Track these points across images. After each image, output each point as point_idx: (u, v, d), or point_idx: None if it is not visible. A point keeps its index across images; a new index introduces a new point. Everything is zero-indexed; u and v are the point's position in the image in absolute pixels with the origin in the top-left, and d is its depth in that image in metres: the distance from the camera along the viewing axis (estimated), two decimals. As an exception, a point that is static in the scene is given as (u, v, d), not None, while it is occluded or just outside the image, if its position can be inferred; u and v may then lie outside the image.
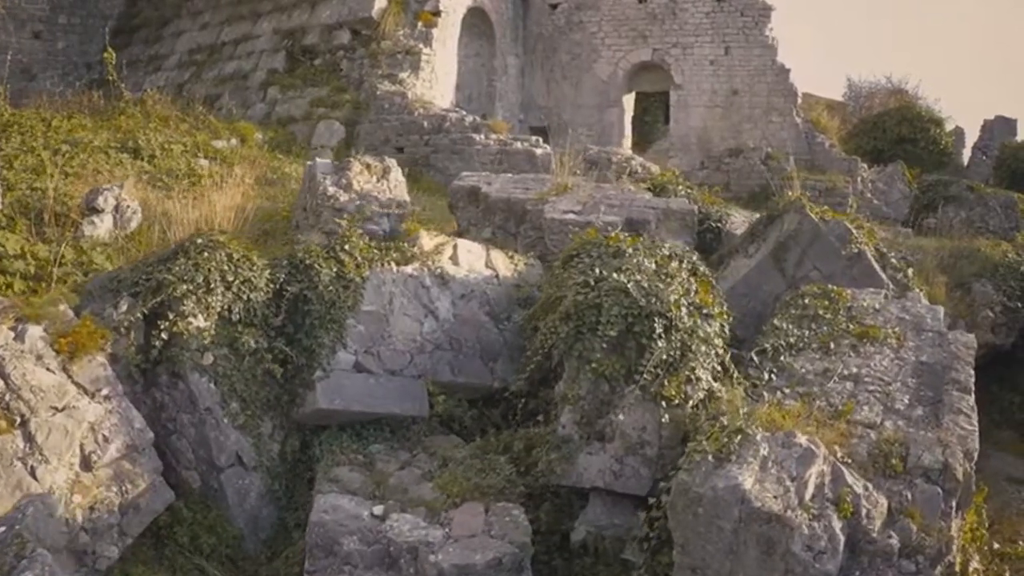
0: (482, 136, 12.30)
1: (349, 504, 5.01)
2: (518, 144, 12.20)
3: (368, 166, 8.77)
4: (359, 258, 6.01)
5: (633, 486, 4.80)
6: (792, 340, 5.62)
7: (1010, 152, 17.91)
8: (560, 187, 8.05)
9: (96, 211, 8.45)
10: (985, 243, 9.84)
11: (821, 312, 6.09)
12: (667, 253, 5.72)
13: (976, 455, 4.71)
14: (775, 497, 3.76)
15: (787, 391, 5.06)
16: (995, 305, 9.16)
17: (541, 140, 12.63)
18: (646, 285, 4.81)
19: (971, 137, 22.03)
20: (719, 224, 8.70)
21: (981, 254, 9.52)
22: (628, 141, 15.74)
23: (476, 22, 14.88)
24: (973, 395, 5.25)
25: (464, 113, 12.80)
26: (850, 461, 4.31)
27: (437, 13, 13.70)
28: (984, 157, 20.14)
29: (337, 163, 8.69)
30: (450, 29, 14.02)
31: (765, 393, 4.93)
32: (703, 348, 4.76)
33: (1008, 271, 9.39)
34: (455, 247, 6.60)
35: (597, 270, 5.01)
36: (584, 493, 5.04)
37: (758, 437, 3.89)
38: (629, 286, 4.77)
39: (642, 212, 7.63)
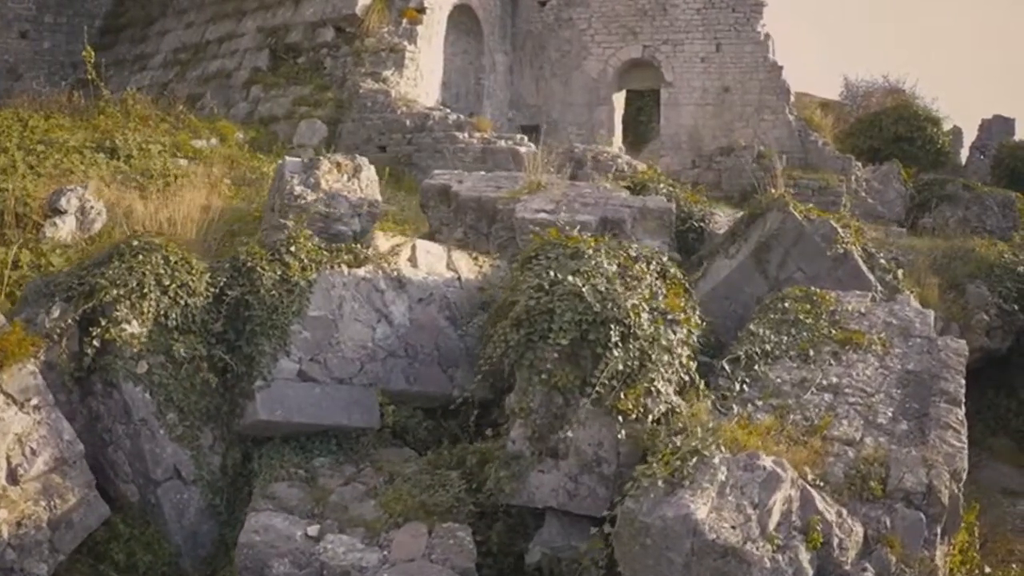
0: (465, 135, 11.85)
1: (282, 524, 4.58)
2: (502, 142, 11.74)
3: (338, 164, 8.36)
4: (306, 260, 5.56)
5: (589, 506, 4.32)
6: (768, 347, 5.12)
7: (1008, 151, 17.37)
8: (533, 185, 7.57)
9: (59, 212, 8.05)
10: (980, 243, 9.28)
11: (802, 316, 5.58)
12: (633, 254, 5.23)
13: (965, 474, 4.20)
14: (733, 527, 3.26)
15: (759, 403, 4.56)
16: (990, 307, 8.61)
17: (526, 138, 12.15)
18: (603, 289, 4.32)
19: (970, 137, 21.46)
20: (702, 224, 8.20)
21: (975, 254, 8.96)
22: (618, 139, 15.24)
23: (463, 19, 14.41)
24: (963, 407, 4.74)
25: (448, 111, 12.34)
26: (823, 484, 3.82)
27: (422, 10, 13.25)
28: (982, 156, 19.58)
29: (306, 161, 8.29)
30: (436, 26, 13.56)
31: (735, 406, 4.43)
32: (665, 357, 4.27)
33: (1004, 272, 8.83)
34: (414, 248, 6.13)
35: (552, 273, 4.52)
36: (540, 512, 4.57)
37: (716, 459, 3.40)
38: (584, 290, 4.29)
39: (617, 211, 7.13)
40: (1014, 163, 16.65)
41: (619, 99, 15.52)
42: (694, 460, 3.39)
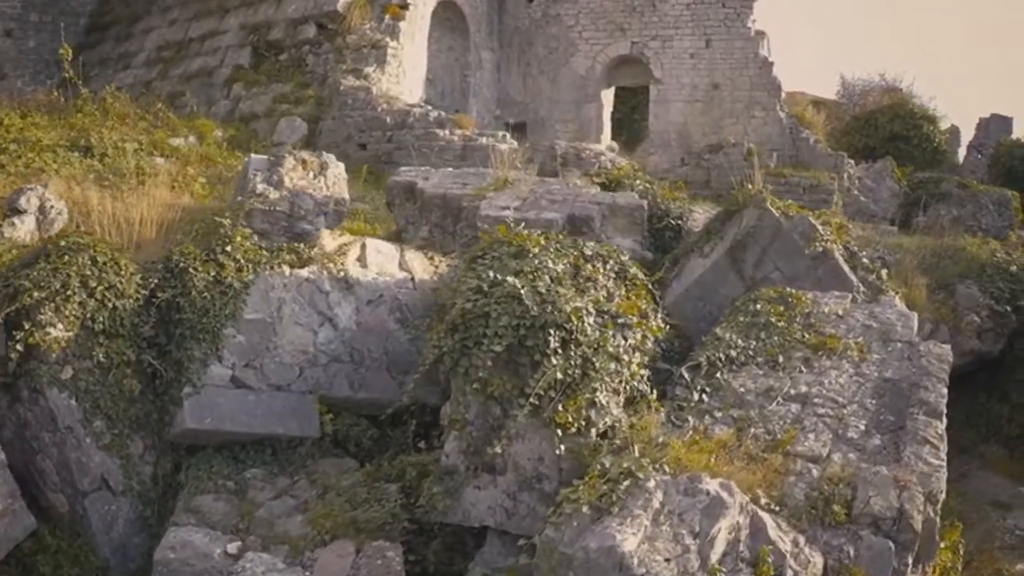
0: (446, 132, 11.41)
1: (202, 540, 4.20)
2: (483, 140, 11.29)
3: (304, 162, 8.01)
4: (242, 261, 5.16)
5: (528, 526, 3.89)
6: (734, 353, 4.66)
7: (1005, 150, 16.81)
8: (500, 182, 7.13)
9: (17, 212, 7.67)
10: (971, 241, 8.75)
11: (774, 320, 5.12)
12: (588, 253, 4.78)
13: (943, 495, 3.73)
14: (668, 560, 2.82)
15: (718, 415, 4.10)
16: (981, 309, 8.07)
17: (508, 135, 11.71)
18: (544, 291, 3.88)
19: (967, 136, 20.88)
20: (679, 221, 7.72)
21: (966, 253, 8.43)
22: (607, 137, 14.76)
23: (449, 15, 13.96)
24: (944, 419, 4.27)
25: (429, 108, 11.91)
26: (780, 508, 3.36)
27: (405, 6, 12.82)
28: (979, 155, 19.00)
29: (271, 159, 7.92)
30: (419, 22, 13.12)
31: (690, 418, 3.98)
32: (612, 365, 3.83)
33: (995, 271, 8.29)
34: (363, 247, 5.71)
35: (491, 273, 4.08)
36: (481, 530, 4.13)
37: (651, 483, 2.95)
38: (523, 292, 3.84)
39: (585, 208, 6.68)
40: (1011, 162, 16.10)
41: (608, 96, 15.03)
42: (626, 483, 2.94)
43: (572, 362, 3.74)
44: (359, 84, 12.09)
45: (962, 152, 20.27)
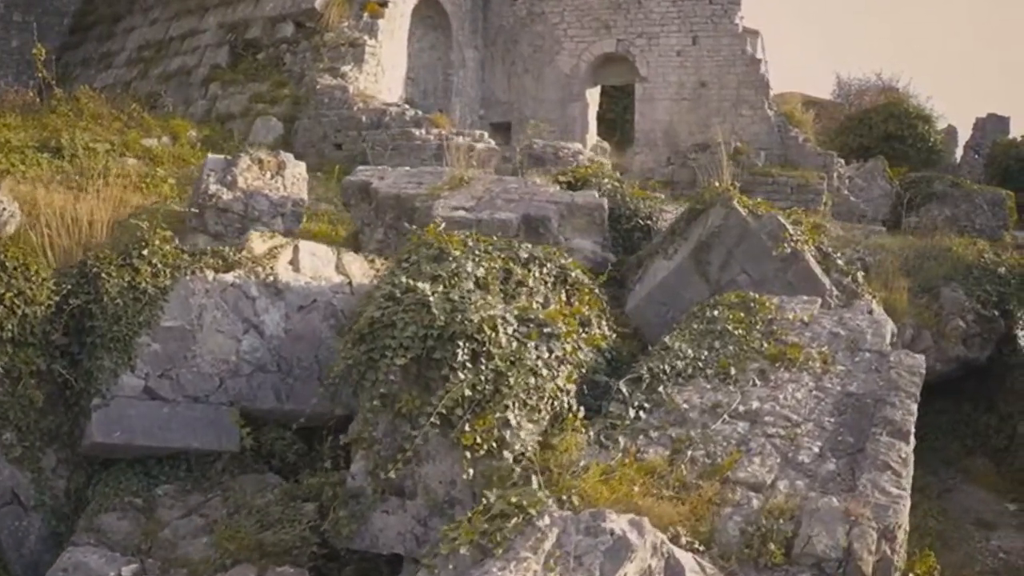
0: (423, 131, 10.98)
1: (97, 562, 3.86)
2: (460, 139, 10.83)
3: (260, 161, 7.65)
4: (159, 265, 4.74)
5: (441, 558, 3.41)
6: (681, 364, 4.19)
7: (1001, 150, 16.22)
8: (456, 181, 6.68)
9: (-33, 213, 7.30)
10: (957, 242, 8.17)
11: (731, 327, 4.64)
12: (524, 256, 4.32)
13: (903, 530, 3.24)
14: (561, 614, 2.35)
15: (655, 435, 3.64)
16: (967, 313, 7.51)
17: (486, 135, 11.26)
18: (457, 298, 3.42)
19: (965, 136, 20.29)
20: (649, 222, 7.24)
21: (951, 254, 7.86)
22: (592, 136, 14.27)
23: (431, 13, 13.53)
24: (911, 441, 3.78)
25: (405, 107, 11.49)
26: (706, 547, 2.89)
27: (384, 3, 12.40)
28: (976, 156, 18.40)
29: (228, 158, 7.54)
30: (399, 20, 12.69)
31: (621, 439, 3.51)
32: (531, 380, 3.37)
33: (983, 274, 7.71)
34: (296, 250, 5.28)
35: (404, 279, 3.62)
36: (395, 556, 3.68)
37: (545, 520, 2.49)
38: (432, 299, 3.39)
39: (542, 208, 6.22)
40: (1007, 161, 15.52)
41: (593, 95, 14.54)
42: (514, 520, 2.48)
43: (483, 377, 3.29)
44: (336, 83, 11.68)
45: (960, 153, 19.70)
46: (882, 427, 3.82)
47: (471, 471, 3.26)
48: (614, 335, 4.65)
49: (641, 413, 3.80)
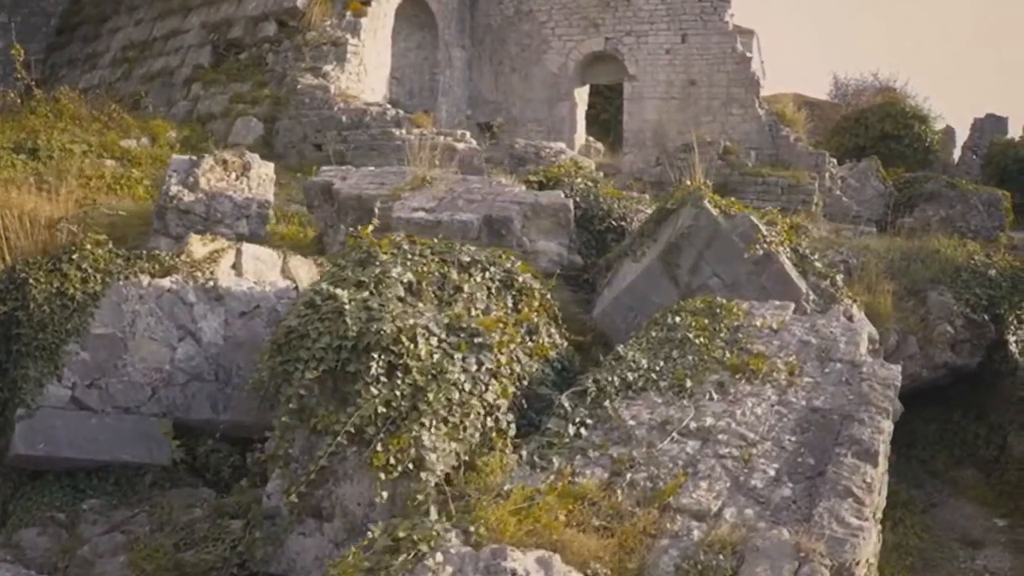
0: (403, 131, 10.65)
1: None
2: (441, 139, 10.50)
3: (224, 162, 7.38)
4: (90, 271, 4.45)
5: (360, 585, 3.07)
6: (632, 376, 3.84)
7: (999, 150, 15.74)
8: (418, 181, 6.35)
9: (-73, 213, 7.03)
10: (946, 243, 7.73)
11: (692, 335, 4.28)
12: (465, 260, 3.97)
13: (864, 564, 2.87)
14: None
15: (594, 454, 3.29)
16: (955, 317, 7.10)
17: (468, 134, 10.91)
18: (375, 306, 3.08)
19: (963, 137, 19.82)
20: (623, 223, 6.88)
21: (940, 256, 7.42)
22: (581, 136, 13.90)
23: (416, 12, 13.19)
24: (880, 463, 3.39)
25: (386, 107, 11.17)
26: (633, 588, 2.53)
27: (367, 2, 12.10)
28: (975, 156, 17.92)
29: (192, 159, 7.27)
30: (383, 19, 12.37)
31: (556, 459, 3.15)
32: (454, 396, 3.03)
33: (972, 276, 7.28)
34: (239, 253, 4.98)
35: (324, 285, 3.28)
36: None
37: (437, 557, 2.16)
38: (347, 307, 3.04)
39: (504, 209, 5.88)
40: (1005, 161, 15.03)
41: (582, 95, 14.16)
42: (402, 557, 2.14)
43: (399, 392, 2.95)
44: (317, 83, 11.38)
45: (958, 154, 19.24)
46: (847, 447, 3.44)
47: (384, 494, 2.92)
48: (565, 343, 4.29)
49: (582, 430, 3.45)
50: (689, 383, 3.84)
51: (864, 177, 13.23)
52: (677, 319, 4.54)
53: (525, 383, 3.67)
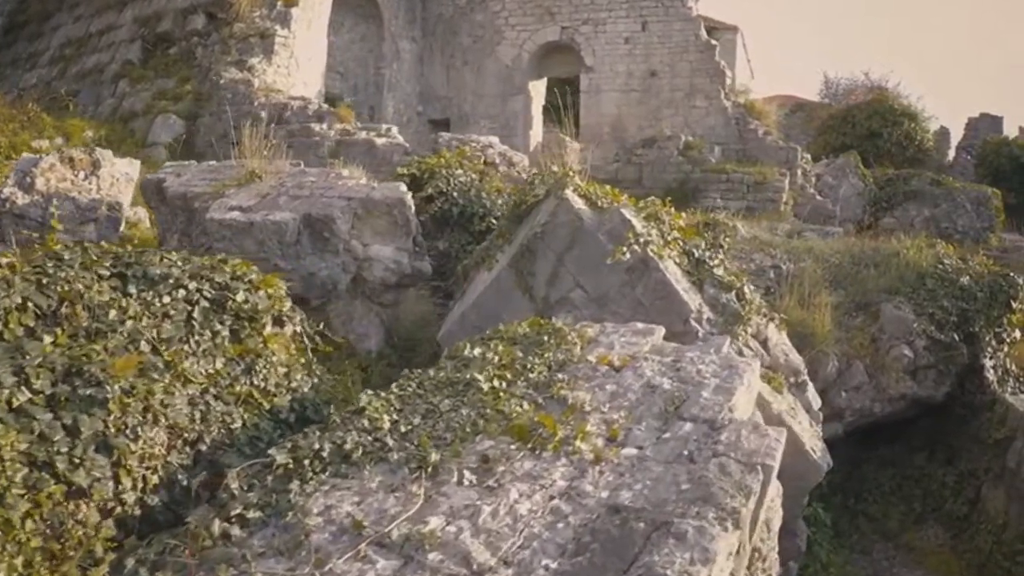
0: (324, 126, 9.36)
1: None
2: (361, 134, 9.24)
3: (71, 160, 6.26)
4: None
5: None
6: (355, 442, 2.44)
7: (992, 148, 13.90)
8: (247, 176, 5.05)
9: None
10: (907, 243, 6.07)
11: (484, 377, 2.85)
12: (156, 273, 2.62)
13: None
14: None
15: (234, 573, 1.89)
16: (916, 337, 5.43)
17: (393, 129, 9.55)
18: None
19: (958, 137, 18.02)
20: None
21: (898, 260, 5.76)
22: (537, 132, 12.43)
23: (361, 2, 11.88)
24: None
25: (309, 101, 9.91)
26: None
27: (300, -9, 10.77)
28: (968, 156, 16.07)
29: (38, 157, 6.16)
30: (318, 8, 11.10)
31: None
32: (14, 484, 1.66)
33: (939, 285, 5.58)
34: None
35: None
36: None
37: None
38: None
39: (327, 206, 4.49)
40: (998, 160, 13.22)
41: (538, 88, 12.69)
42: None
43: None
44: (240, 77, 10.15)
45: (952, 154, 17.44)
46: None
47: None
48: (316, 381, 2.90)
49: (237, 529, 2.04)
50: (435, 456, 2.41)
51: (842, 174, 11.56)
52: (476, 351, 3.11)
53: (196, 448, 2.31)
